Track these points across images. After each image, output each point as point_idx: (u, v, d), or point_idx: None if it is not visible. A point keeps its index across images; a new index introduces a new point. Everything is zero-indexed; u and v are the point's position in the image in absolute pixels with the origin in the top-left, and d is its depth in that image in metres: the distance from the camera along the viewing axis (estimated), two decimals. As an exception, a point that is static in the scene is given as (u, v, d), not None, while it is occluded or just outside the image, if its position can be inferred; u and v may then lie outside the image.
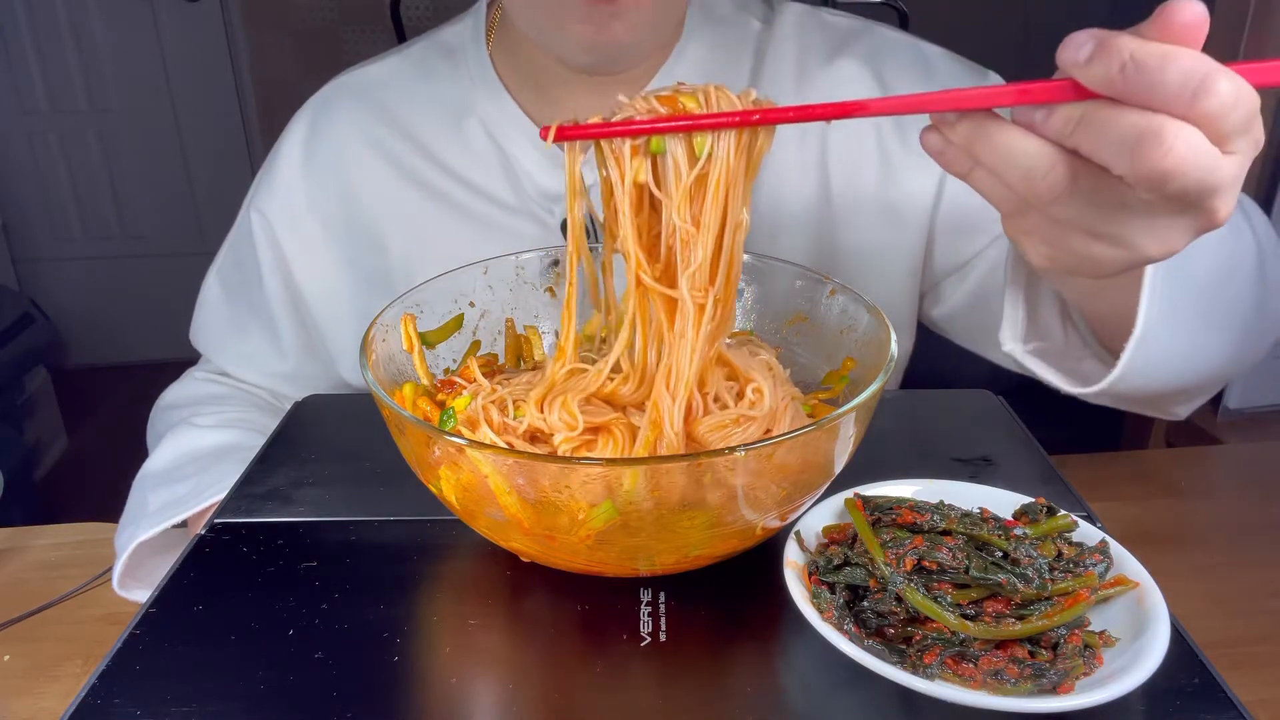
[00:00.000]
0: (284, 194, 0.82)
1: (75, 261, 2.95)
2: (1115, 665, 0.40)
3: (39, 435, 2.49)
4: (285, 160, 0.83)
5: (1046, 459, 0.60)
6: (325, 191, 0.82)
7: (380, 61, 0.84)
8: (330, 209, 0.82)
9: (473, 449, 0.42)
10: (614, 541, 0.43)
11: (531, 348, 0.62)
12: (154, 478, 0.78)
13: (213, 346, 0.89)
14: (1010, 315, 0.60)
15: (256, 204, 0.83)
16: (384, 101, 0.82)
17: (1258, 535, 0.83)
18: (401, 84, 0.82)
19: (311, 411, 0.68)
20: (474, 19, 0.82)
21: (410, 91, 0.82)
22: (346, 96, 0.83)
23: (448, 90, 0.80)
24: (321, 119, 0.83)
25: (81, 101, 2.76)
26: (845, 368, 0.57)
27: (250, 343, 0.87)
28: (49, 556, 0.83)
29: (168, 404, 0.88)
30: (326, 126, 0.82)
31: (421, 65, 0.82)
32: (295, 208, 0.82)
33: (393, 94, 0.82)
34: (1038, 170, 0.39)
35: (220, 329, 0.88)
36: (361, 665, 0.43)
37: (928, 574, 0.43)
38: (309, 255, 0.82)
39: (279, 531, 0.53)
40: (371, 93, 0.82)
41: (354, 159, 0.81)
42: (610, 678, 0.43)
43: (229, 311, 0.88)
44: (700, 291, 0.47)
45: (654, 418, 0.49)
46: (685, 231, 0.46)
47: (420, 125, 0.81)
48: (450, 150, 0.80)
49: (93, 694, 0.42)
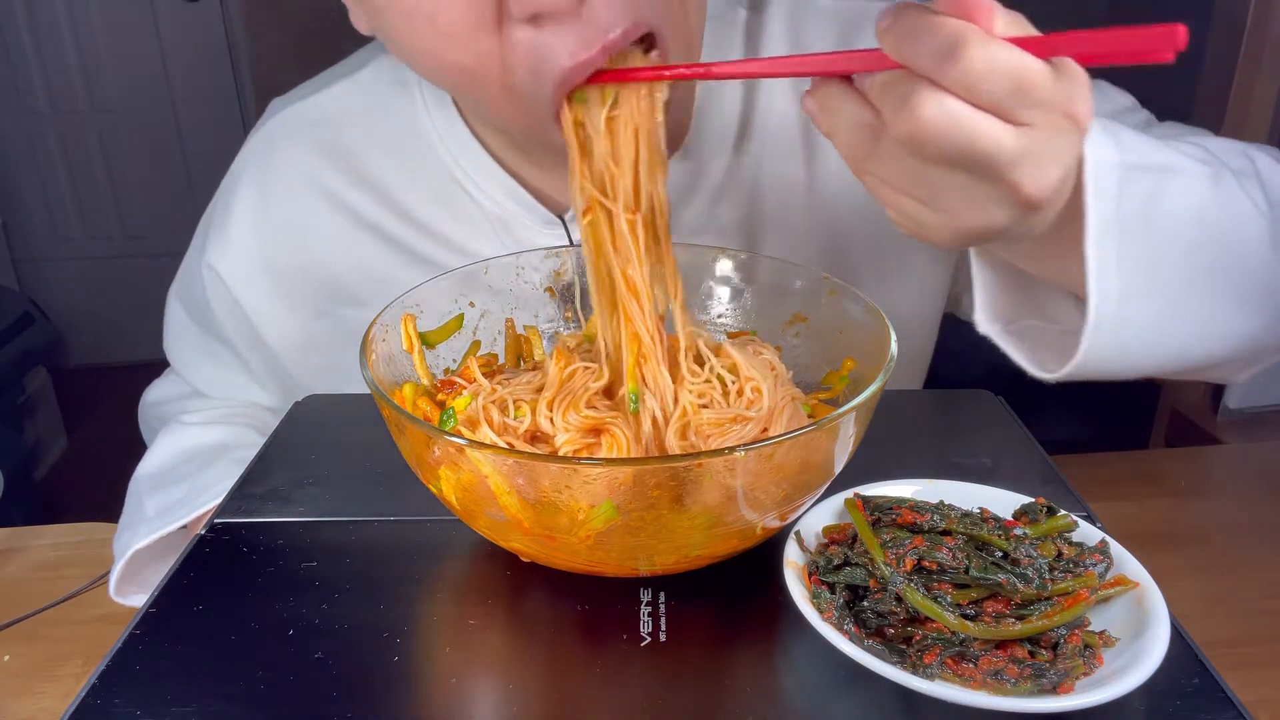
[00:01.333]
0: (237, 250, 0.75)
1: (75, 261, 2.94)
2: (1115, 665, 0.40)
3: (39, 435, 2.49)
4: (236, 214, 0.75)
5: (1046, 459, 0.59)
6: (283, 248, 0.75)
7: (325, 90, 0.76)
8: (290, 265, 0.75)
9: (473, 449, 0.42)
10: (614, 541, 0.43)
11: (531, 348, 0.62)
12: (149, 480, 0.77)
13: (186, 367, 0.85)
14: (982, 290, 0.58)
15: (208, 260, 0.76)
16: (331, 141, 0.74)
17: (1258, 535, 0.83)
18: (351, 119, 0.74)
19: (311, 411, 0.68)
20: None
21: (364, 129, 0.74)
22: (290, 138, 0.75)
23: (404, 126, 0.72)
24: (269, 167, 0.75)
25: (81, 101, 2.76)
26: (845, 368, 0.57)
27: (223, 368, 0.83)
28: (49, 556, 0.83)
29: (153, 400, 0.87)
30: (275, 176, 0.75)
31: (373, 95, 0.74)
32: (250, 266, 0.75)
33: (341, 131, 0.74)
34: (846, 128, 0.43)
35: (190, 351, 0.84)
36: (361, 665, 0.43)
37: (928, 574, 0.43)
38: (272, 314, 0.76)
39: (279, 531, 0.53)
40: (314, 130, 0.74)
41: (308, 211, 0.74)
42: (610, 678, 0.43)
43: (198, 333, 0.82)
44: (630, 214, 0.52)
45: (630, 332, 0.52)
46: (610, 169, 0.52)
47: (380, 170, 0.73)
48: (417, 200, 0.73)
49: (93, 694, 0.42)
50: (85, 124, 2.79)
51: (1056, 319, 0.58)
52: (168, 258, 3.18)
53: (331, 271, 0.75)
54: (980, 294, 0.57)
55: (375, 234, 0.74)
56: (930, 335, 0.83)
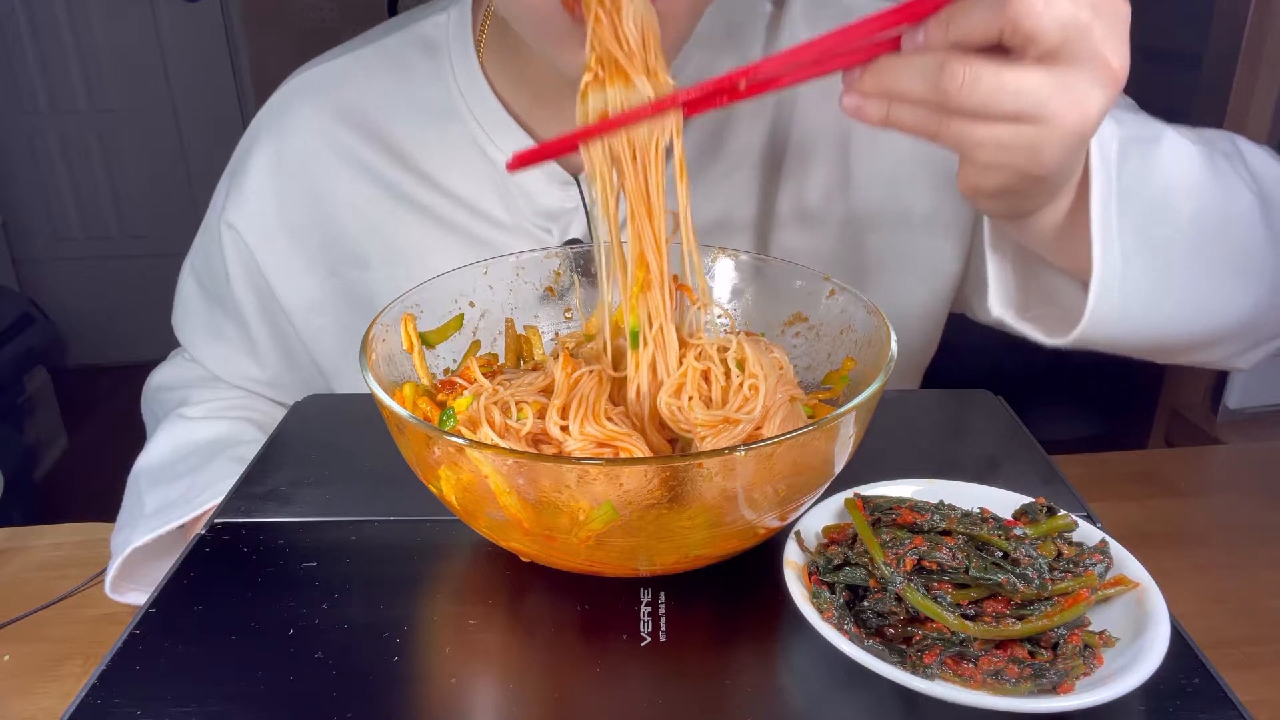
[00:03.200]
0: (255, 207, 0.77)
1: (75, 261, 2.95)
2: (1115, 665, 0.40)
3: (39, 435, 2.49)
4: (253, 172, 0.77)
5: (1046, 459, 0.59)
6: (299, 206, 0.76)
7: (345, 55, 0.77)
8: (306, 223, 0.77)
9: (473, 449, 0.42)
10: (614, 542, 0.43)
11: (531, 348, 0.62)
12: (148, 475, 0.78)
13: (193, 342, 0.86)
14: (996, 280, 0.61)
15: (227, 217, 0.78)
16: (350, 102, 0.75)
17: (1258, 535, 0.83)
18: (371, 81, 0.75)
19: (311, 411, 0.68)
20: (459, 11, 0.74)
21: (382, 90, 0.75)
22: (306, 99, 0.76)
23: (428, 90, 0.74)
24: (285, 125, 0.76)
25: (81, 101, 2.77)
26: (845, 368, 0.57)
27: (226, 345, 0.84)
28: (49, 556, 0.83)
29: (158, 385, 0.87)
30: (291, 135, 0.76)
31: (397, 59, 0.75)
32: (268, 223, 0.77)
33: (361, 92, 0.75)
34: (936, 71, 0.43)
35: (198, 325, 0.86)
36: (361, 665, 0.43)
37: (928, 574, 0.43)
38: (287, 271, 0.78)
39: (279, 531, 0.53)
40: (332, 91, 0.75)
41: (324, 170, 0.75)
42: (610, 678, 0.43)
43: (205, 310, 0.85)
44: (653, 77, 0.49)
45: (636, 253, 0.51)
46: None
47: (397, 130, 0.74)
48: (432, 160, 0.74)
49: (93, 694, 0.42)
50: (85, 124, 2.80)
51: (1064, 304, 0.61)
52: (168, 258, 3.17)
53: (345, 229, 0.76)
54: (994, 285, 0.61)
55: (390, 192, 0.75)
56: (934, 336, 0.84)
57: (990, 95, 0.43)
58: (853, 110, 0.47)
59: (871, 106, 0.47)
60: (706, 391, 0.52)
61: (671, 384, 0.51)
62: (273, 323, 0.81)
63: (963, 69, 0.43)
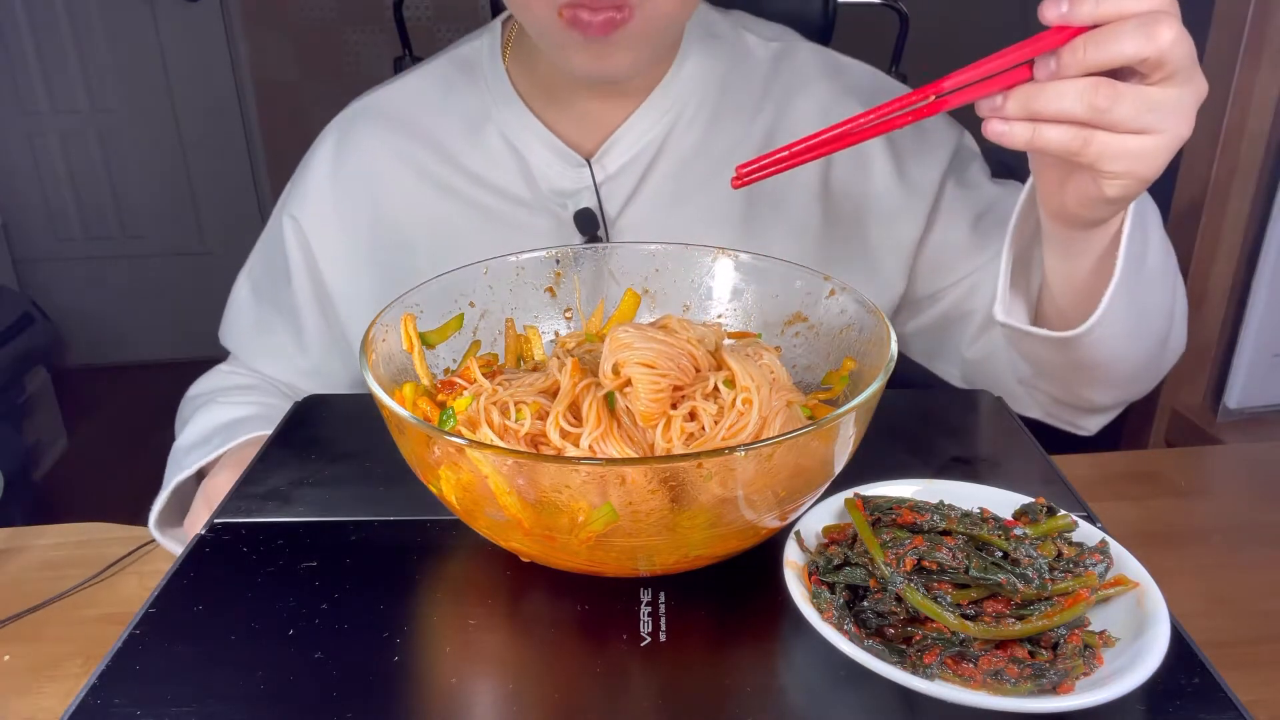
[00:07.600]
0: (314, 201, 0.88)
1: (75, 261, 2.95)
2: (1115, 665, 0.40)
3: (39, 435, 2.49)
4: (315, 171, 0.88)
5: (1046, 459, 0.60)
6: (353, 199, 0.87)
7: (400, 82, 0.90)
8: (358, 215, 0.87)
9: (473, 449, 0.42)
10: (614, 542, 0.43)
11: (531, 348, 0.62)
12: (184, 449, 0.82)
13: (238, 342, 0.94)
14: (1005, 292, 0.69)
15: (289, 210, 0.88)
16: (406, 117, 0.88)
17: (1258, 535, 0.83)
18: (421, 96, 0.89)
19: (311, 411, 0.68)
20: (490, 35, 0.88)
21: (432, 104, 0.88)
22: (370, 117, 0.89)
23: (467, 101, 0.87)
24: (348, 135, 0.88)
25: (81, 101, 2.76)
26: (845, 368, 0.57)
27: (275, 338, 0.92)
28: (49, 556, 0.83)
29: (194, 394, 0.93)
30: (353, 141, 0.88)
31: (443, 80, 0.89)
32: (325, 214, 0.87)
33: (413, 105, 0.88)
34: (1088, 91, 0.50)
35: (246, 326, 0.94)
36: (361, 665, 0.43)
37: (928, 574, 0.43)
38: (337, 258, 0.88)
39: (279, 531, 0.54)
40: (393, 112, 0.88)
41: (380, 169, 0.86)
42: (610, 678, 0.43)
43: (256, 310, 0.93)
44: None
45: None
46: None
47: (442, 134, 0.86)
48: (471, 155, 0.86)
49: (93, 694, 0.42)
50: (85, 124, 2.79)
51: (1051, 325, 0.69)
52: (168, 258, 3.16)
53: (396, 219, 0.86)
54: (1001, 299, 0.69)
55: (435, 185, 0.86)
56: None
57: (1132, 111, 0.51)
58: (998, 135, 0.53)
59: (1019, 129, 0.52)
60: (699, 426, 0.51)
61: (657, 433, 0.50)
62: (322, 310, 0.90)
63: (1111, 89, 0.50)
